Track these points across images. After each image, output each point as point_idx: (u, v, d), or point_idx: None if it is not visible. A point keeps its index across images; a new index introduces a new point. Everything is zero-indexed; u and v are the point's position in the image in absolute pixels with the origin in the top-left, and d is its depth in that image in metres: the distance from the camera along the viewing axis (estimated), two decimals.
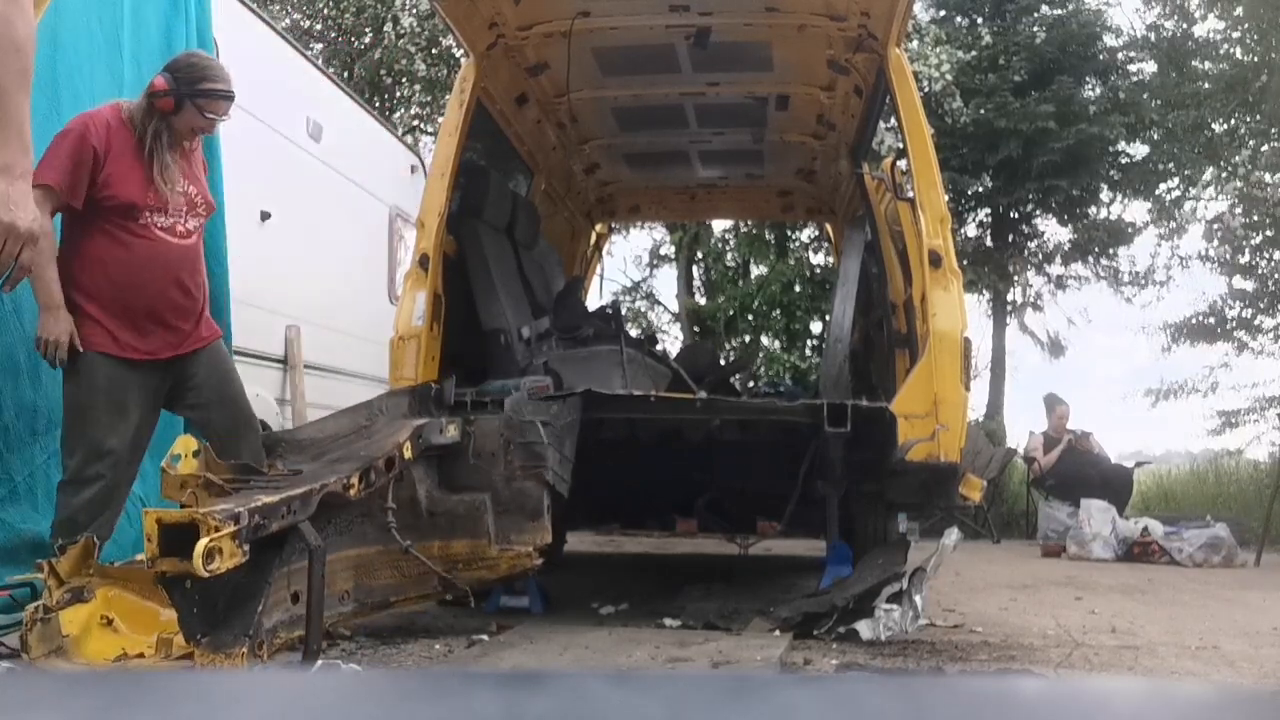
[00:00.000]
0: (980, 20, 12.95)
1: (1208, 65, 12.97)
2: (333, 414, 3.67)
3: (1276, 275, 12.97)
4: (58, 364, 3.45)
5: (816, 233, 13.08)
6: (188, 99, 3.60)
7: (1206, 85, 12.71)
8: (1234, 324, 13.27)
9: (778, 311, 13.48)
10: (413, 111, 12.76)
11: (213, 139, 4.80)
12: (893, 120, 6.08)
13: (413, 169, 7.64)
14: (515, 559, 3.23)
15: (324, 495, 2.76)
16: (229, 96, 3.71)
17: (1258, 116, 12.73)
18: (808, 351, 13.37)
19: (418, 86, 11.92)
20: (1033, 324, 14.15)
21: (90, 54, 4.02)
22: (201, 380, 3.62)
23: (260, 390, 5.20)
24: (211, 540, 2.42)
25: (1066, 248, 13.33)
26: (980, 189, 12.72)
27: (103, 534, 3.60)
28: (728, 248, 14.89)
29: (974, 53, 11.91)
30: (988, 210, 13.21)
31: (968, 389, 4.17)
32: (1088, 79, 12.80)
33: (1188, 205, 13.74)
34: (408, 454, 3.17)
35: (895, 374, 4.42)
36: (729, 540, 6.17)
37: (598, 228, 7.57)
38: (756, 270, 14.45)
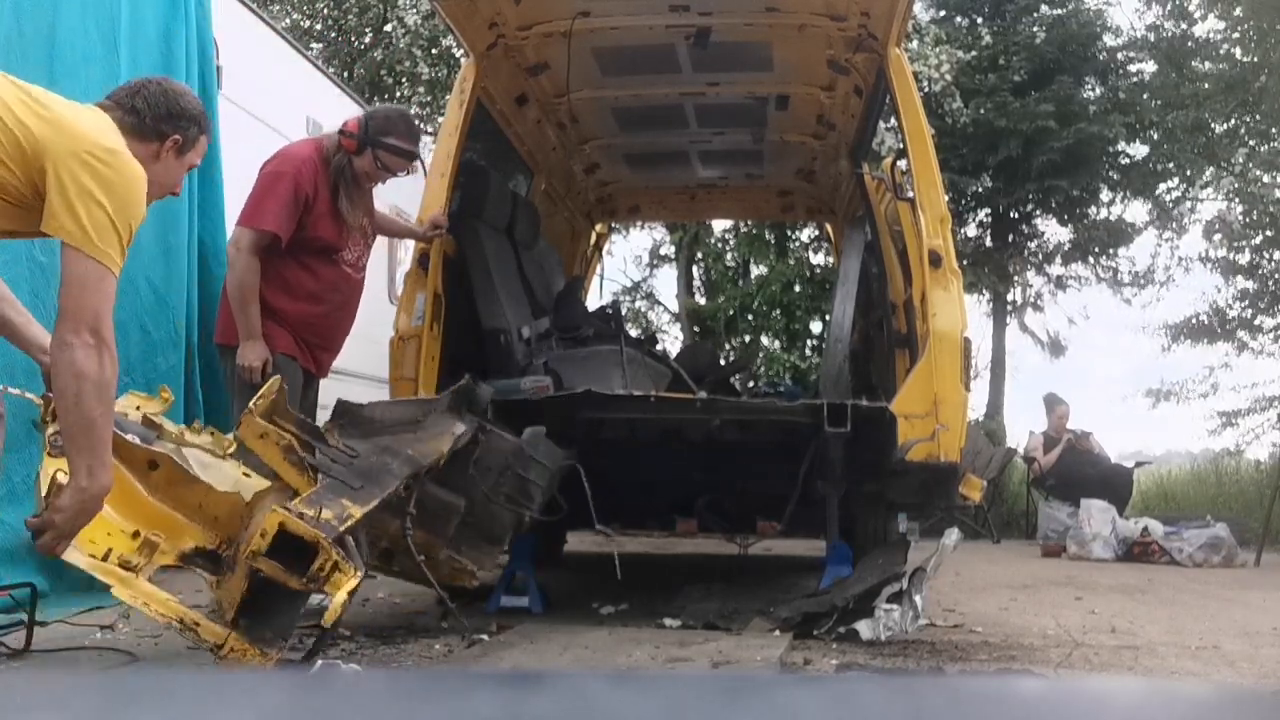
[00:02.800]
0: (980, 20, 12.95)
1: (1208, 65, 12.97)
2: (393, 401, 3.77)
3: (1277, 275, 12.97)
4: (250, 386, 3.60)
5: (816, 233, 13.08)
6: (369, 146, 3.87)
7: (1206, 85, 12.71)
8: (1234, 324, 13.27)
9: (778, 311, 13.47)
10: (413, 111, 12.76)
11: (212, 140, 4.81)
12: (893, 120, 6.08)
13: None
14: (456, 572, 3.23)
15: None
16: (408, 156, 3.93)
17: (1257, 116, 12.73)
18: (808, 351, 13.36)
19: (419, 87, 11.92)
20: (1033, 324, 14.17)
21: (87, 55, 4.02)
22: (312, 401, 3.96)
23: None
24: (324, 562, 2.48)
25: (1066, 248, 13.33)
26: (980, 189, 12.72)
27: None
28: (728, 248, 14.89)
29: (974, 53, 11.91)
30: (988, 210, 13.21)
31: (968, 389, 4.17)
32: (1087, 79, 12.80)
33: (1187, 205, 13.74)
34: (442, 462, 3.18)
35: (895, 374, 4.42)
36: (729, 540, 6.17)
37: (598, 228, 7.57)
38: (756, 270, 14.45)
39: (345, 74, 11.51)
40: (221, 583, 2.72)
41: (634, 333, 10.48)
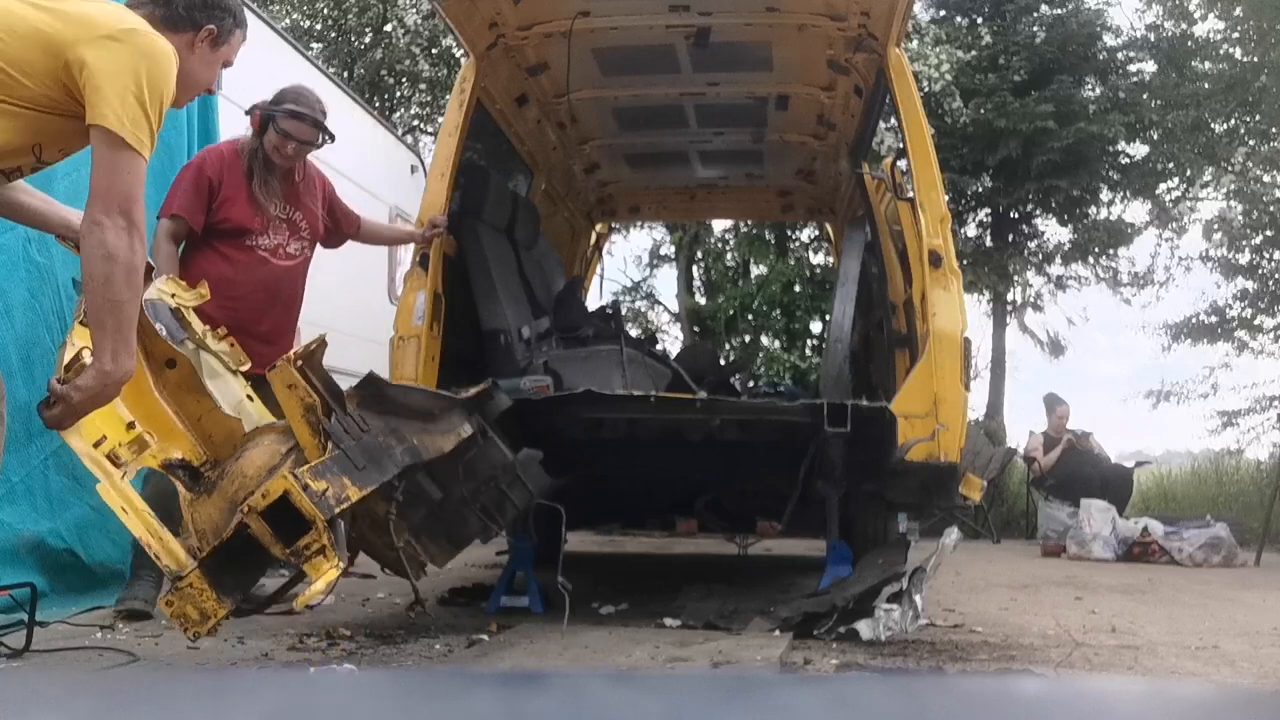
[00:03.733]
0: (980, 20, 12.94)
1: (1208, 65, 12.96)
2: (417, 389, 3.66)
3: (1277, 275, 12.97)
4: None
5: (816, 233, 13.08)
6: (270, 117, 3.93)
7: (1206, 85, 12.70)
8: (1234, 324, 13.27)
9: (778, 311, 13.47)
10: (413, 111, 12.77)
11: (212, 139, 4.81)
12: (893, 120, 6.08)
13: (413, 169, 7.65)
14: (408, 559, 3.16)
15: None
16: (300, 117, 3.92)
17: (1257, 116, 12.73)
18: (808, 351, 13.36)
19: (419, 87, 11.92)
20: (1033, 324, 14.17)
21: None
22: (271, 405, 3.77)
23: None
24: (312, 541, 2.48)
25: (1066, 248, 13.33)
26: (980, 189, 12.72)
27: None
28: (728, 248, 14.89)
29: (974, 53, 11.91)
30: (988, 210, 13.21)
31: (968, 389, 4.16)
32: (1087, 79, 12.79)
33: (1187, 205, 13.74)
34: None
35: (895, 374, 4.42)
36: (729, 540, 6.17)
37: (598, 228, 7.57)
38: (756, 270, 14.45)
39: (345, 74, 11.51)
40: (195, 502, 2.70)
41: (634, 333, 10.48)
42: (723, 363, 8.06)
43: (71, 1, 2.44)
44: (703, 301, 14.53)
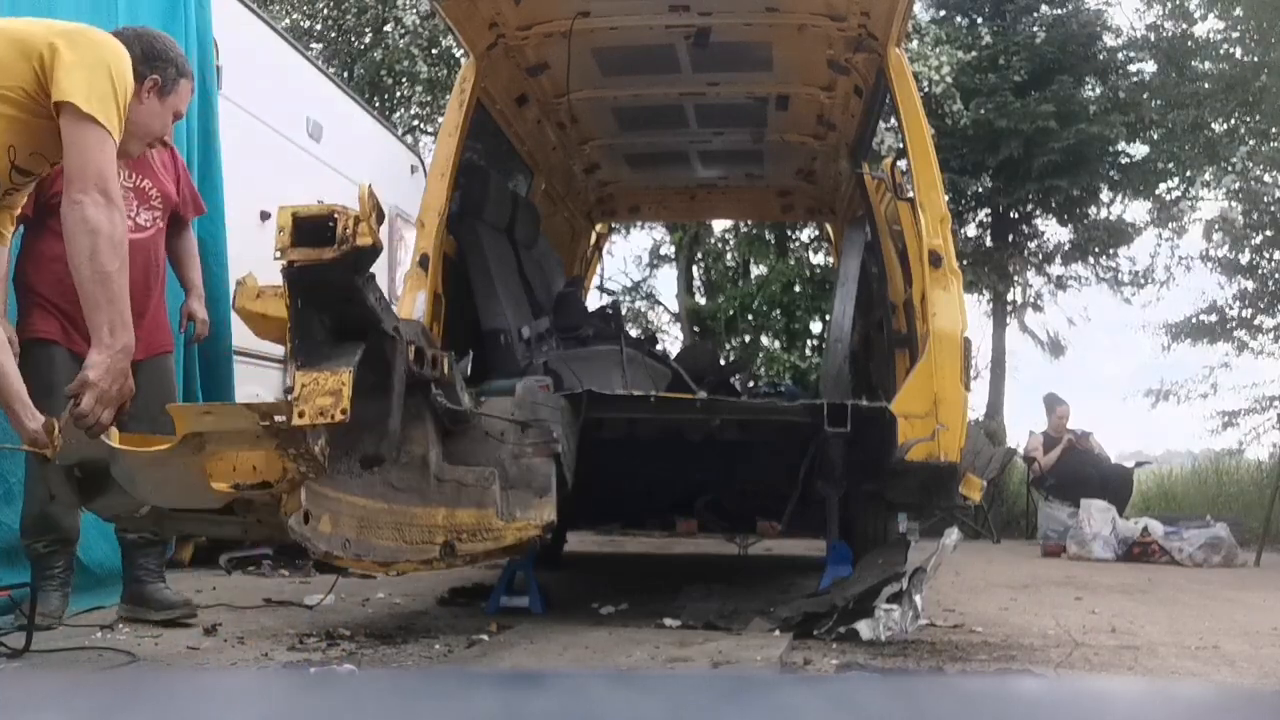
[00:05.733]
0: (980, 20, 12.94)
1: (1208, 65, 12.96)
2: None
3: (1277, 275, 12.97)
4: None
5: (816, 233, 13.08)
6: None
7: (1206, 85, 12.70)
8: (1234, 324, 13.27)
9: (778, 311, 13.47)
10: (413, 111, 12.77)
11: (212, 139, 4.81)
12: (893, 120, 6.08)
13: (413, 169, 7.65)
14: (521, 530, 3.17)
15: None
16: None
17: (1257, 116, 12.72)
18: (808, 351, 13.36)
19: (419, 87, 11.92)
20: (1033, 324, 14.16)
21: None
22: (138, 395, 3.59)
23: (260, 390, 5.20)
24: (346, 226, 2.50)
25: (1066, 248, 13.33)
26: (980, 189, 12.72)
27: (72, 534, 3.59)
28: (728, 248, 14.89)
29: (974, 53, 11.91)
30: (988, 210, 13.21)
31: (968, 389, 4.16)
32: (1088, 79, 12.79)
33: (1187, 204, 13.74)
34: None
35: (895, 374, 4.42)
36: (729, 540, 6.17)
37: (598, 228, 7.57)
38: (756, 270, 14.45)
39: (345, 74, 11.51)
40: None
41: (634, 333, 10.48)
42: (723, 363, 8.07)
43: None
44: (703, 301, 14.53)
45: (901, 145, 4.70)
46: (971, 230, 13.28)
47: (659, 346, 7.62)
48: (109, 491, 2.71)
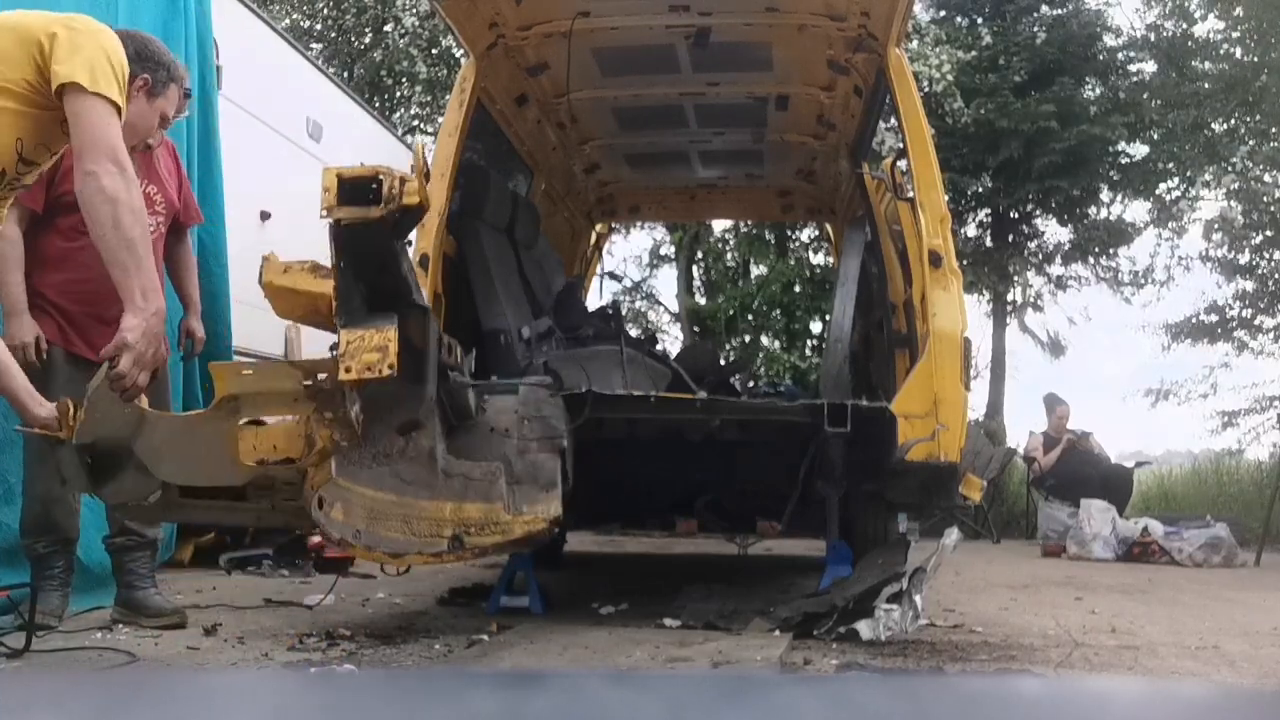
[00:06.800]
0: (980, 20, 12.95)
1: (1208, 65, 12.97)
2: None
3: (1277, 275, 12.97)
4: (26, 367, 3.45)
5: (816, 233, 13.08)
6: None
7: (1206, 85, 12.70)
8: (1234, 324, 13.27)
9: (778, 311, 13.47)
10: (413, 111, 12.77)
11: (212, 139, 4.82)
12: (893, 120, 6.08)
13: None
14: (529, 524, 3.18)
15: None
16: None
17: (1257, 116, 12.73)
18: (808, 351, 13.36)
19: (418, 87, 11.91)
20: (1033, 324, 14.16)
21: None
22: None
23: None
24: (393, 185, 2.54)
25: (1066, 248, 13.33)
26: (980, 189, 12.72)
27: (72, 534, 3.60)
28: (728, 248, 14.89)
29: (974, 53, 11.91)
30: (988, 210, 13.22)
31: (968, 389, 4.16)
32: (1088, 79, 12.80)
33: (1187, 204, 13.74)
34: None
35: (895, 374, 4.42)
36: (729, 540, 6.17)
37: (598, 228, 7.57)
38: (756, 270, 14.45)
39: (345, 74, 11.51)
40: None
41: (634, 333, 10.48)
42: (723, 363, 8.06)
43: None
44: (703, 301, 14.53)
45: (901, 145, 4.70)
46: (971, 230, 13.28)
47: (659, 346, 7.62)
48: (120, 477, 2.73)
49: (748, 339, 14.09)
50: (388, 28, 11.61)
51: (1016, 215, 13.10)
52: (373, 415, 2.77)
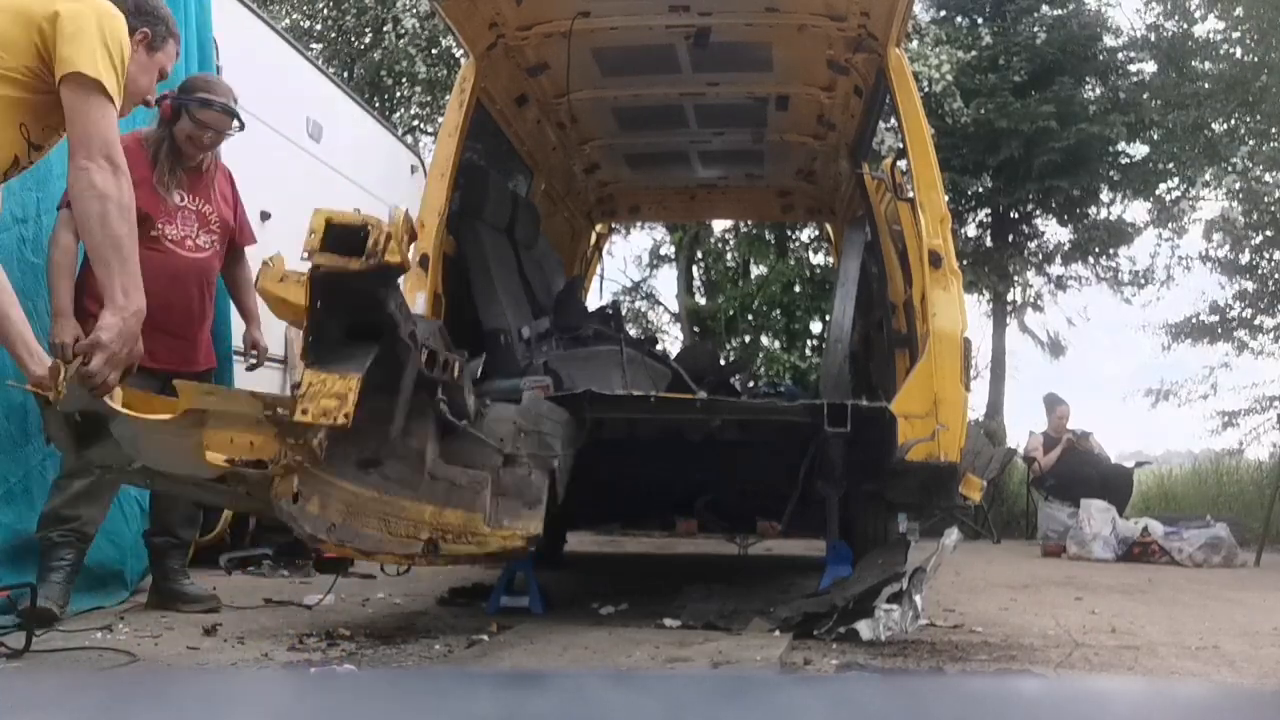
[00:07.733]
0: (980, 20, 12.95)
1: (1208, 65, 12.96)
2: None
3: (1277, 275, 12.97)
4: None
5: (816, 233, 13.08)
6: (183, 106, 3.82)
7: (1206, 85, 12.70)
8: (1234, 324, 13.27)
9: (778, 311, 13.47)
10: (413, 112, 12.77)
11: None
12: (893, 120, 6.08)
13: (413, 169, 7.65)
14: (506, 539, 3.17)
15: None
16: (209, 104, 3.84)
17: (1257, 116, 12.72)
18: (808, 351, 13.36)
19: (418, 88, 11.92)
20: (1033, 324, 14.16)
21: None
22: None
23: (260, 390, 5.19)
24: (376, 238, 2.55)
25: (1066, 248, 13.33)
26: (980, 189, 12.72)
27: (88, 530, 3.65)
28: (728, 248, 14.88)
29: (974, 53, 11.91)
30: (988, 210, 13.21)
31: (968, 389, 4.16)
32: (1088, 79, 12.79)
33: (1187, 204, 13.74)
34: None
35: (895, 374, 4.42)
36: (729, 540, 6.17)
37: (598, 228, 7.57)
38: (756, 270, 14.44)
39: (345, 74, 11.52)
40: None
41: (634, 333, 10.48)
42: (723, 363, 8.06)
43: None
44: (703, 301, 14.53)
45: (901, 145, 4.70)
46: (971, 230, 13.28)
47: (659, 346, 7.62)
48: (105, 443, 2.75)
49: (748, 339, 14.08)
50: (387, 28, 11.61)
51: (1016, 215, 13.10)
52: (334, 448, 2.78)
